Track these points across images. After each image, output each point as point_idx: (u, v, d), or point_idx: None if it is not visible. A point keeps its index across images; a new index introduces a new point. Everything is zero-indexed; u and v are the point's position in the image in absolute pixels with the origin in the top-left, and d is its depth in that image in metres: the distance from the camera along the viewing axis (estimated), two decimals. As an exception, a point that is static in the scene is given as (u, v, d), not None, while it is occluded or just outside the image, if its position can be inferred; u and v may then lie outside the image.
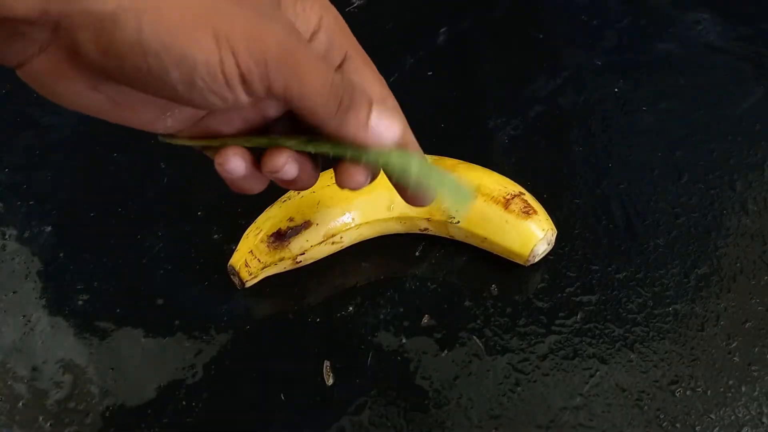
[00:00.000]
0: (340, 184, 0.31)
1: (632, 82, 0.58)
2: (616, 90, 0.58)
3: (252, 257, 0.44)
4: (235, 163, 0.29)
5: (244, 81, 0.24)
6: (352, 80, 0.28)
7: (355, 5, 0.66)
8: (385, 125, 0.28)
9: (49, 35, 0.23)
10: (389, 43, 0.63)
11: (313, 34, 0.28)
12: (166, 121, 0.29)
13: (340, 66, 0.30)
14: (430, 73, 0.60)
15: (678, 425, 0.39)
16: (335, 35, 0.29)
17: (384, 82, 0.31)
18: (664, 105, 0.56)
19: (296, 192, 0.46)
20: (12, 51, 0.24)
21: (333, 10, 0.29)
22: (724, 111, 0.56)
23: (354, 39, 0.30)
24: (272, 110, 0.31)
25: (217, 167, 0.30)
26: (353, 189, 0.31)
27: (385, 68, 0.32)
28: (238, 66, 0.24)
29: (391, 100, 0.31)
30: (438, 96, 0.59)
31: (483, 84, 0.59)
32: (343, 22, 0.30)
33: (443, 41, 0.63)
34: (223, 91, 0.24)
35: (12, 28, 0.23)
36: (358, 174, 0.30)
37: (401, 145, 0.30)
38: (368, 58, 0.31)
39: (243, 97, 0.25)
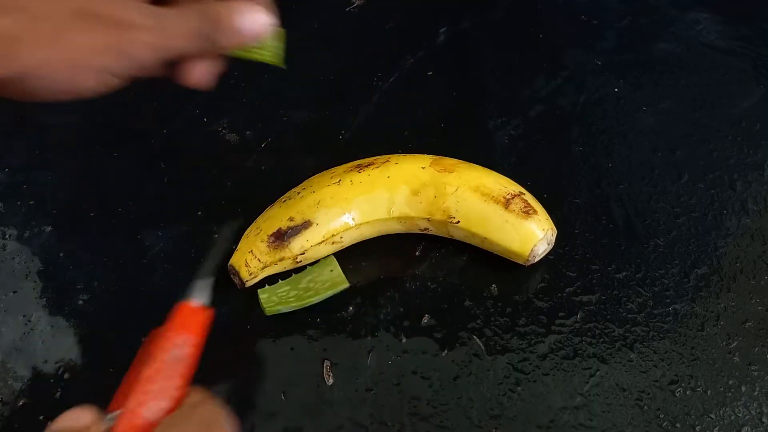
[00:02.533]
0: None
1: (632, 82, 0.58)
2: (616, 90, 0.58)
3: (252, 257, 0.44)
4: None
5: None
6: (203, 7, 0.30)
7: (355, 5, 0.66)
8: (250, 21, 0.30)
9: None
10: (389, 43, 0.63)
11: None
12: None
13: None
14: (430, 73, 0.60)
15: (678, 425, 0.39)
16: None
17: None
18: (664, 105, 0.56)
19: (296, 192, 0.46)
20: None
21: None
22: (724, 111, 0.56)
23: None
24: None
25: None
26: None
27: (385, 68, 0.32)
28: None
29: None
30: (438, 96, 0.59)
31: (483, 84, 0.59)
32: None
33: (443, 41, 0.63)
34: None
35: None
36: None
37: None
38: None
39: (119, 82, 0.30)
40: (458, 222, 0.45)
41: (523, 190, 0.45)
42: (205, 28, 0.30)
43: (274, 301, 0.44)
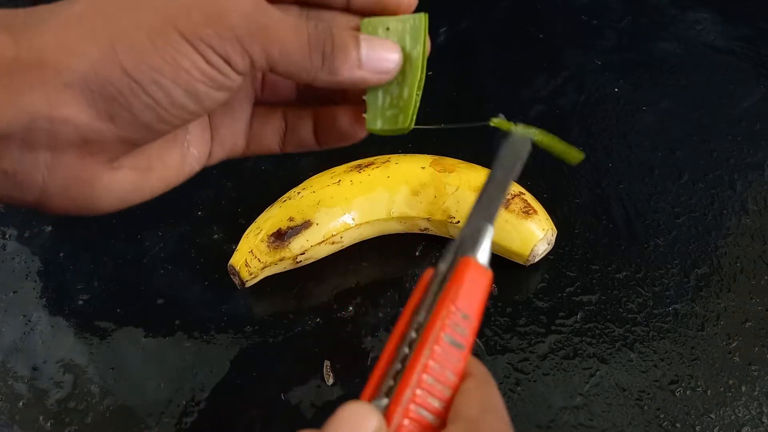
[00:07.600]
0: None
1: (632, 82, 0.58)
2: (616, 90, 0.58)
3: (252, 257, 0.44)
4: None
5: (228, 62, 0.25)
6: (328, 23, 0.27)
7: (355, 5, 0.66)
8: (378, 57, 0.27)
9: (47, 140, 0.24)
10: (389, 43, 0.63)
11: None
12: (191, 152, 0.30)
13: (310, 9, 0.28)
14: (430, 73, 0.60)
15: (678, 425, 0.39)
16: None
17: None
18: (664, 105, 0.56)
19: (296, 192, 0.46)
20: (22, 181, 0.25)
21: None
22: (724, 111, 0.56)
23: None
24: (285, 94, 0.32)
25: None
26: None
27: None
28: (216, 52, 0.25)
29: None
30: (438, 96, 0.59)
31: (483, 84, 0.59)
32: None
33: (443, 41, 0.63)
34: (220, 80, 0.25)
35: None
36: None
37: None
38: None
39: (236, 77, 0.26)
40: (458, 222, 0.45)
41: (523, 190, 0.45)
42: (323, 45, 0.26)
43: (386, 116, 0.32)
